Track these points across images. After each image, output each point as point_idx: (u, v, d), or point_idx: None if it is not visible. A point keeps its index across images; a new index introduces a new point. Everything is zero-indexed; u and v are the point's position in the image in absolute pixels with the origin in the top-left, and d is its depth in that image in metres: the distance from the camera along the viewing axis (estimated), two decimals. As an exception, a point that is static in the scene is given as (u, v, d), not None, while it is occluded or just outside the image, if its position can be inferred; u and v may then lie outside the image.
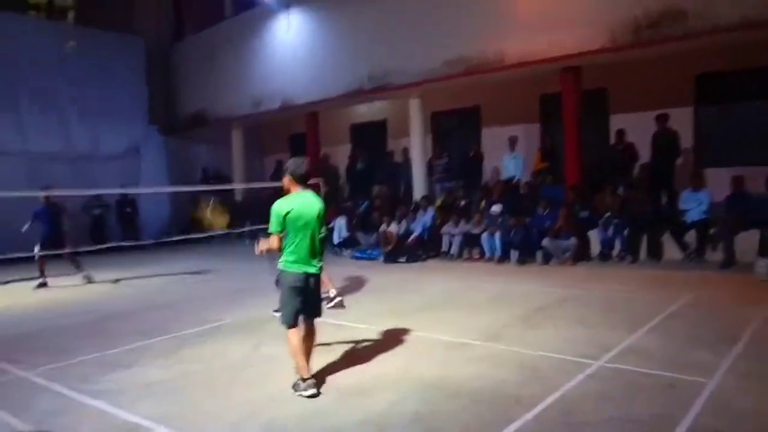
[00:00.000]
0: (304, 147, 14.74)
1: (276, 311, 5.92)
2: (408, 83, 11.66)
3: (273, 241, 4.11)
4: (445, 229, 10.75)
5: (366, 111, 15.11)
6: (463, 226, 10.51)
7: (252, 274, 9.91)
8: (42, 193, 9.49)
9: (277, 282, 4.46)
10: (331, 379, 4.35)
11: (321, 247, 4.31)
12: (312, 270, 4.18)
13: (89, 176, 14.63)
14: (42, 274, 9.50)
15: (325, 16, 13.18)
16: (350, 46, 12.60)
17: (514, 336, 5.34)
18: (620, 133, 10.44)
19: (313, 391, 4.00)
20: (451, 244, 10.64)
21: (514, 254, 9.81)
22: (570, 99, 10.25)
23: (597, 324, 5.60)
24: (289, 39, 13.80)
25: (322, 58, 13.08)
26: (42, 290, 9.30)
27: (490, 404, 3.76)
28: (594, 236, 9.59)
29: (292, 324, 4.15)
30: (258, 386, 4.32)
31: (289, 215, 4.06)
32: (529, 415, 3.55)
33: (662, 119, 9.75)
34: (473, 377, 4.27)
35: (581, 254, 9.42)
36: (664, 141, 9.72)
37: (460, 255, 10.49)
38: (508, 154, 11.54)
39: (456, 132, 13.97)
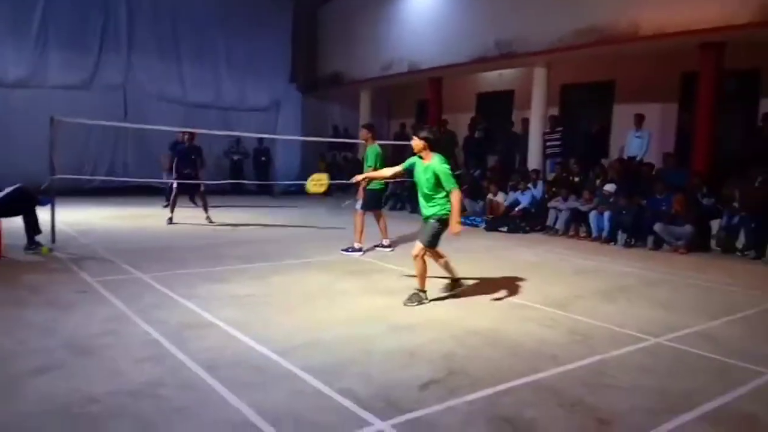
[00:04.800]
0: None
1: (344, 250, 7.51)
2: (534, 51, 11.37)
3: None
4: (553, 203, 10.51)
5: (494, 80, 14.94)
6: (572, 202, 10.20)
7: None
8: (185, 130, 10.58)
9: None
10: (387, 316, 4.71)
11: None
12: None
13: (233, 126, 16.22)
14: (172, 211, 10.10)
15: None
16: (479, 13, 12.54)
17: (581, 306, 5.29)
18: (767, 117, 9.39)
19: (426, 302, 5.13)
20: (557, 219, 10.40)
21: (622, 237, 9.38)
22: (708, 78, 9.39)
23: (678, 308, 5.35)
24: (420, 5, 14.02)
25: (451, 24, 13.15)
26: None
27: (524, 357, 3.88)
28: (716, 227, 8.86)
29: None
30: (324, 310, 4.84)
31: None
32: (558, 370, 3.63)
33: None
34: (520, 333, 4.39)
35: (697, 244, 8.77)
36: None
37: (566, 231, 10.23)
38: (632, 132, 10.88)
39: (586, 106, 13.37)
